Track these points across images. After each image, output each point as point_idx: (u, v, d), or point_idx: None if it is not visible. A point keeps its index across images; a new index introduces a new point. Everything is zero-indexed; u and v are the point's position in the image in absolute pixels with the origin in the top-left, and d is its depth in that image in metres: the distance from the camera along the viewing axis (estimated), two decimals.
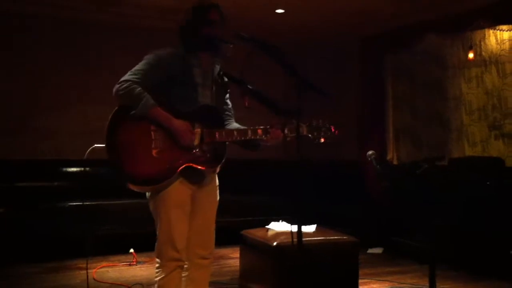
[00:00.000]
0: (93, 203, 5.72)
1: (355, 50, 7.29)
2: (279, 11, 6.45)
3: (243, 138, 2.83)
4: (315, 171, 5.03)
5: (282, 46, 2.63)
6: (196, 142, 2.75)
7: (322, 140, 2.86)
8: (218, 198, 3.04)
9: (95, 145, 3.86)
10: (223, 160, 2.84)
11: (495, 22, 5.65)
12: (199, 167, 2.76)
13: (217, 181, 3.04)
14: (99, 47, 6.73)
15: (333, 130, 2.89)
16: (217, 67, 2.97)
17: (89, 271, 4.95)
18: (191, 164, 2.73)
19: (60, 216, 5.61)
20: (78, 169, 6.40)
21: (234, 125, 3.03)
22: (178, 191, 2.77)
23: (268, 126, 2.85)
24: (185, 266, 2.92)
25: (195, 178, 2.82)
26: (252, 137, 2.84)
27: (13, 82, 6.36)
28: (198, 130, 2.77)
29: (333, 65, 7.76)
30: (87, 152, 4.22)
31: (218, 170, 2.98)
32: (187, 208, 2.84)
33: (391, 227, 5.99)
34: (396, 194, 5.52)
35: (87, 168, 6.37)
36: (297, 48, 6.89)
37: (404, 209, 5.67)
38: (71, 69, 6.61)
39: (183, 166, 2.72)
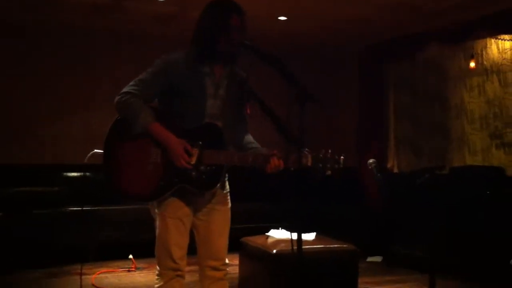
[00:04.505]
0: (93, 208, 5.72)
1: (355, 59, 7.30)
2: (282, 18, 6.47)
3: (242, 164, 2.68)
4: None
5: (282, 54, 2.59)
6: (193, 162, 2.60)
7: (329, 172, 2.58)
8: (229, 205, 2.87)
9: (95, 150, 3.82)
10: (218, 185, 2.69)
11: (496, 31, 5.67)
12: (194, 189, 2.64)
13: (227, 187, 2.87)
14: (101, 55, 6.77)
15: (341, 160, 2.59)
16: (234, 76, 2.79)
17: (88, 276, 4.96)
18: (185, 185, 2.62)
19: (59, 221, 5.60)
20: (77, 174, 6.40)
21: (247, 138, 2.87)
22: (177, 205, 2.69)
23: (270, 154, 2.63)
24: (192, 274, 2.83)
25: (191, 198, 2.71)
26: (252, 164, 2.66)
27: (15, 89, 6.39)
28: (196, 151, 2.61)
29: (333, 73, 7.79)
30: (87, 156, 4.21)
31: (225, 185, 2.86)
32: (187, 219, 2.74)
33: (390, 234, 5.98)
34: (395, 202, 5.51)
35: (87, 173, 6.37)
36: (297, 56, 6.92)
37: (403, 217, 5.67)
38: (73, 76, 6.64)
39: (177, 187, 2.62)
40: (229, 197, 2.90)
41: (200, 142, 2.63)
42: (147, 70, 2.69)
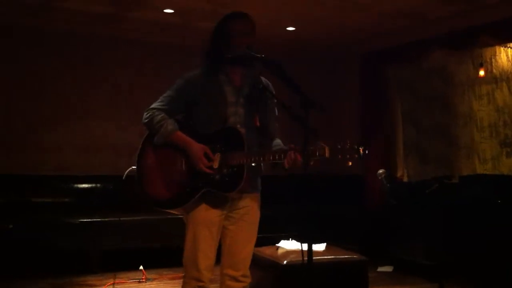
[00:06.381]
0: (102, 219, 5.72)
1: (359, 65, 7.26)
2: (290, 28, 6.50)
3: (262, 161, 2.70)
4: (318, 185, 5.00)
5: (286, 59, 2.63)
6: (216, 165, 2.69)
7: (349, 163, 2.53)
8: (257, 218, 2.91)
9: (132, 167, 3.84)
10: (241, 184, 2.65)
11: (503, 39, 5.65)
12: (219, 191, 2.70)
13: (258, 200, 2.91)
14: (102, 61, 6.78)
15: (361, 151, 2.52)
16: (254, 82, 2.83)
17: None
18: (210, 189, 2.68)
19: (68, 232, 5.61)
20: (87, 185, 6.42)
21: (275, 142, 2.89)
22: (205, 212, 2.74)
23: (287, 148, 2.63)
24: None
25: (219, 203, 2.75)
26: (272, 160, 2.66)
27: (16, 96, 6.41)
28: (218, 155, 2.70)
29: (338, 78, 7.80)
30: (126, 173, 4.27)
31: (257, 190, 2.89)
32: (215, 229, 2.78)
33: (399, 244, 5.95)
34: (403, 210, 5.50)
35: (98, 184, 6.40)
36: (302, 61, 6.95)
37: (412, 227, 5.64)
38: (74, 83, 6.65)
39: (202, 191, 2.69)
40: (259, 211, 2.92)
41: (222, 147, 2.71)
42: (172, 87, 2.85)
